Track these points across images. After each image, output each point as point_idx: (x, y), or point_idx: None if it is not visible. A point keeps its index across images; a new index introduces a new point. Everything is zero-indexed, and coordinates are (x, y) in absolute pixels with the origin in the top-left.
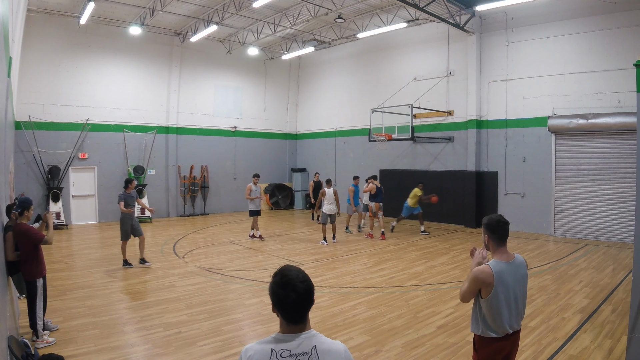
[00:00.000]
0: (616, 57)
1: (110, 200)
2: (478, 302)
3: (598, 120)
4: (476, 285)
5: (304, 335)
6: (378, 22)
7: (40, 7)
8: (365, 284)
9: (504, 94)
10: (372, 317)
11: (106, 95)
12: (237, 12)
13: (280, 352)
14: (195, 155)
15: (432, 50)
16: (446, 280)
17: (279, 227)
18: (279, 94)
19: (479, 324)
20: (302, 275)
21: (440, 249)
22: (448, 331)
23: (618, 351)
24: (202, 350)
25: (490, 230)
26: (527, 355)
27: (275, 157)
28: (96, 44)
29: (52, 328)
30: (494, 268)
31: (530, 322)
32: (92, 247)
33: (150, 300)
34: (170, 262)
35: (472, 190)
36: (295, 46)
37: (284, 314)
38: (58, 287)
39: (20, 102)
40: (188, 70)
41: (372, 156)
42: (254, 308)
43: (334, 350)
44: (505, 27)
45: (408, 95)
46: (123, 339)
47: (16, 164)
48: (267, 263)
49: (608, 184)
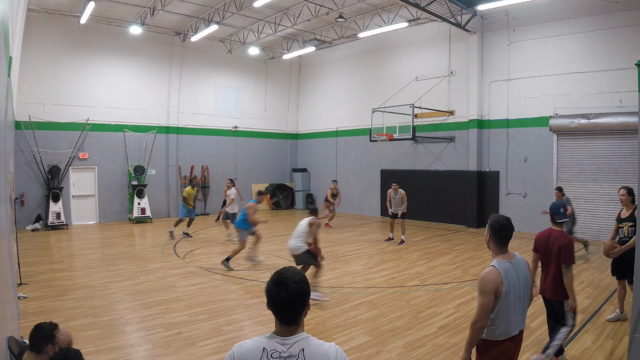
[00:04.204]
0: (618, 57)
1: (110, 200)
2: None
3: (600, 120)
4: (491, 288)
5: (295, 337)
6: (379, 21)
7: (41, 6)
8: (366, 284)
9: (506, 93)
10: (373, 318)
11: (106, 95)
12: (237, 11)
13: (271, 353)
14: (196, 155)
15: (434, 50)
16: (447, 280)
17: (280, 227)
18: (280, 94)
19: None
20: (299, 277)
21: (442, 249)
22: (449, 331)
23: (620, 352)
24: (203, 351)
25: (493, 231)
26: (528, 356)
27: (276, 157)
28: (96, 44)
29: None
30: (499, 267)
31: (531, 323)
32: (93, 247)
33: (150, 300)
34: (170, 263)
35: (473, 190)
36: (296, 46)
37: (275, 312)
38: (58, 288)
39: (20, 102)
40: (189, 69)
41: (373, 156)
42: (254, 308)
43: (321, 354)
44: (507, 26)
45: (409, 95)
46: (123, 340)
47: (16, 164)
48: (268, 263)
49: (610, 184)
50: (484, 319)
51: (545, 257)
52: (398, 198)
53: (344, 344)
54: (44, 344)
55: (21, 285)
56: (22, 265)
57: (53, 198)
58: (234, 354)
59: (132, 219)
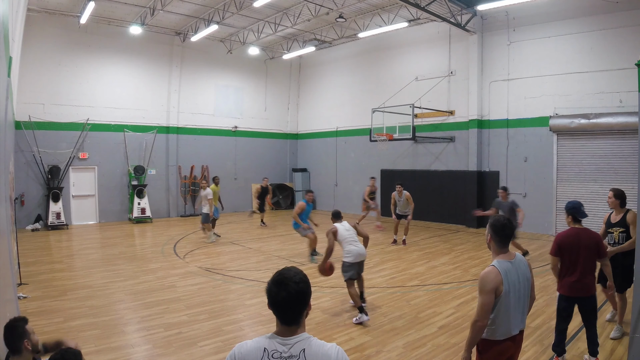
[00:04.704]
0: (618, 57)
1: (110, 200)
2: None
3: (600, 120)
4: (491, 288)
5: (296, 338)
6: (379, 21)
7: (41, 6)
8: (367, 284)
9: (506, 93)
10: (373, 318)
11: (106, 95)
12: (237, 11)
13: (272, 353)
14: (196, 155)
15: (434, 50)
16: (447, 280)
17: (280, 227)
18: (280, 94)
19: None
20: (300, 277)
21: (442, 249)
22: (449, 331)
23: (620, 352)
24: (203, 351)
25: (495, 232)
26: (529, 356)
27: (276, 157)
28: (96, 44)
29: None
30: (499, 267)
31: (531, 323)
32: (93, 247)
33: (150, 300)
34: (170, 263)
35: (473, 190)
36: (296, 46)
37: (275, 312)
38: (58, 288)
39: (20, 102)
40: (189, 69)
41: (373, 156)
42: (254, 308)
43: (322, 354)
44: (507, 26)
45: (409, 95)
46: (123, 340)
47: (16, 164)
48: (268, 263)
49: (610, 184)
50: (485, 318)
51: (571, 257)
52: (403, 200)
53: (344, 344)
54: (20, 342)
55: (21, 285)
56: (22, 265)
57: (53, 198)
58: (235, 354)
59: (132, 219)
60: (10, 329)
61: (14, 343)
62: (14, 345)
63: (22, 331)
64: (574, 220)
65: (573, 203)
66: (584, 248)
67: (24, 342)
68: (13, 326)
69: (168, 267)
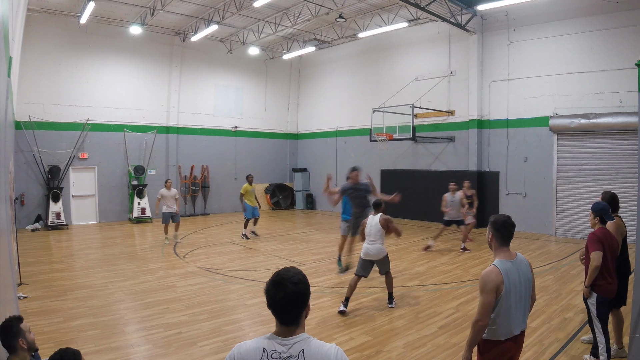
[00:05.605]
0: (618, 57)
1: (110, 200)
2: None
3: (600, 120)
4: (491, 287)
5: (295, 338)
6: (379, 21)
7: (41, 6)
8: (367, 284)
9: (506, 93)
10: (373, 318)
11: (106, 95)
12: (237, 11)
13: (271, 354)
14: (196, 155)
15: (434, 50)
16: (448, 280)
17: (280, 227)
18: (280, 94)
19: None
20: (298, 278)
21: (442, 249)
22: (449, 331)
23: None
24: (203, 351)
25: (495, 229)
26: (529, 356)
27: (276, 157)
28: (96, 44)
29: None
30: (500, 267)
31: (531, 323)
32: (93, 247)
33: (150, 300)
34: (170, 263)
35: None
36: (296, 46)
37: (274, 312)
38: (58, 287)
39: (20, 102)
40: (189, 69)
41: (373, 156)
42: (254, 308)
43: (322, 354)
44: (507, 26)
45: (409, 95)
46: (123, 340)
47: (16, 164)
48: (268, 263)
49: (610, 184)
50: (485, 318)
51: (606, 257)
52: (457, 200)
53: (344, 344)
54: (15, 341)
55: (21, 285)
56: (22, 265)
57: (53, 198)
58: (234, 355)
59: (132, 219)
60: (5, 328)
61: (9, 342)
62: (10, 345)
63: (16, 330)
64: (600, 222)
65: (602, 204)
66: (615, 249)
67: (19, 340)
68: (7, 326)
69: (168, 267)
